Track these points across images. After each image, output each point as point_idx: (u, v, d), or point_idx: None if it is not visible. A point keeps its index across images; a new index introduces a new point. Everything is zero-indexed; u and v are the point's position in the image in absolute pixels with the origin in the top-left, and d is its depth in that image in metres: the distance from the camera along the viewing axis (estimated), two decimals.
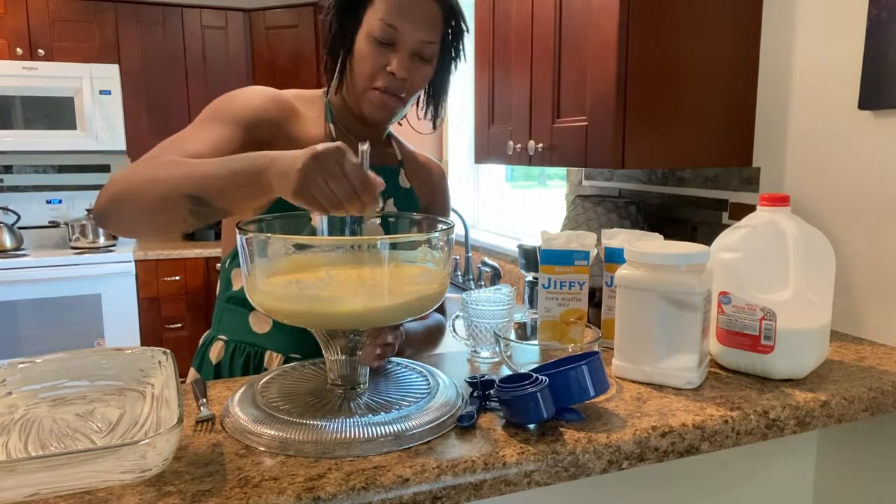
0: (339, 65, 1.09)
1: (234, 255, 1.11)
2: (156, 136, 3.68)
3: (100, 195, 0.88)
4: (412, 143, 1.30)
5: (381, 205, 0.79)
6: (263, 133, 1.03)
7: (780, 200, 1.00)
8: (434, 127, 1.21)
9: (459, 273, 2.71)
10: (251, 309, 1.09)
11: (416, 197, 1.22)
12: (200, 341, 1.18)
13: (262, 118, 1.03)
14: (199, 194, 0.82)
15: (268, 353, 1.10)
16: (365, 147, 0.78)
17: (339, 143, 0.75)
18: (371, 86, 1.05)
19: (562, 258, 1.06)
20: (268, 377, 0.94)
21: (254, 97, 1.05)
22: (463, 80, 2.97)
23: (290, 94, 1.13)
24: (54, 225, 3.63)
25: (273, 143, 1.04)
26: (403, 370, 0.97)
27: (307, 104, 1.13)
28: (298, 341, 1.09)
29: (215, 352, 1.12)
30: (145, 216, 0.85)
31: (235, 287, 1.12)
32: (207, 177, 0.81)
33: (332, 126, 1.12)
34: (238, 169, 0.80)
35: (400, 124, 1.22)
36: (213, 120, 1.00)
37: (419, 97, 1.15)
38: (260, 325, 1.10)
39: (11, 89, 3.21)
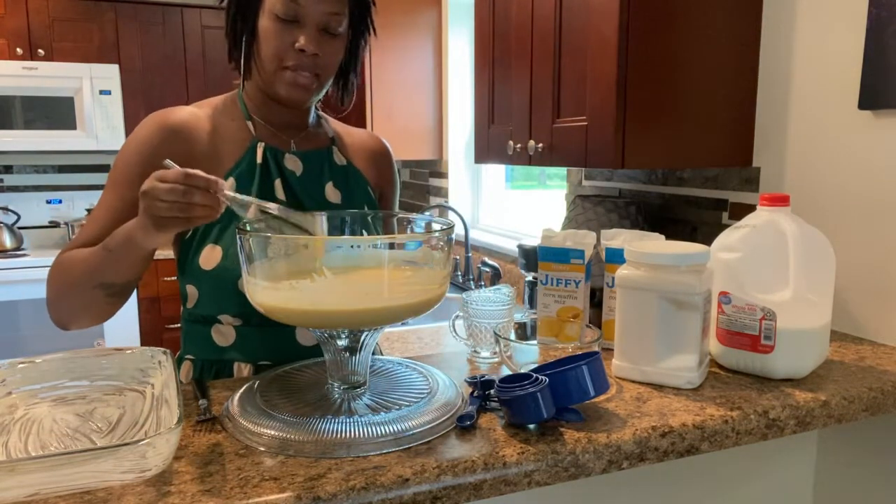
0: (243, 51, 1.05)
1: (183, 271, 1.07)
2: None
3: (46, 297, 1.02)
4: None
5: (244, 199, 0.86)
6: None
7: (780, 200, 1.00)
8: (342, 103, 1.16)
9: (459, 273, 2.71)
10: (212, 323, 1.06)
11: (359, 172, 1.17)
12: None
13: (157, 160, 0.98)
14: (105, 281, 0.95)
15: (236, 364, 1.06)
16: (166, 161, 0.84)
17: (155, 172, 0.83)
18: (280, 66, 1.01)
19: (558, 256, 1.06)
20: (268, 377, 0.94)
21: (143, 143, 1.02)
22: (463, 80, 2.98)
23: (200, 105, 1.09)
24: (54, 225, 3.64)
25: (191, 165, 0.98)
26: (403, 370, 0.97)
27: (222, 109, 1.09)
28: (266, 347, 1.06)
29: (184, 372, 1.09)
30: (82, 317, 1.01)
31: (190, 304, 1.07)
32: (100, 266, 0.94)
33: (250, 124, 1.08)
34: (114, 248, 0.92)
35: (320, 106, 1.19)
36: (113, 183, 1.03)
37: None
38: (223, 338, 1.06)
39: (11, 89, 3.21)
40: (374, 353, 1.18)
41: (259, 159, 1.06)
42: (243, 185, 1.04)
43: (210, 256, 1.02)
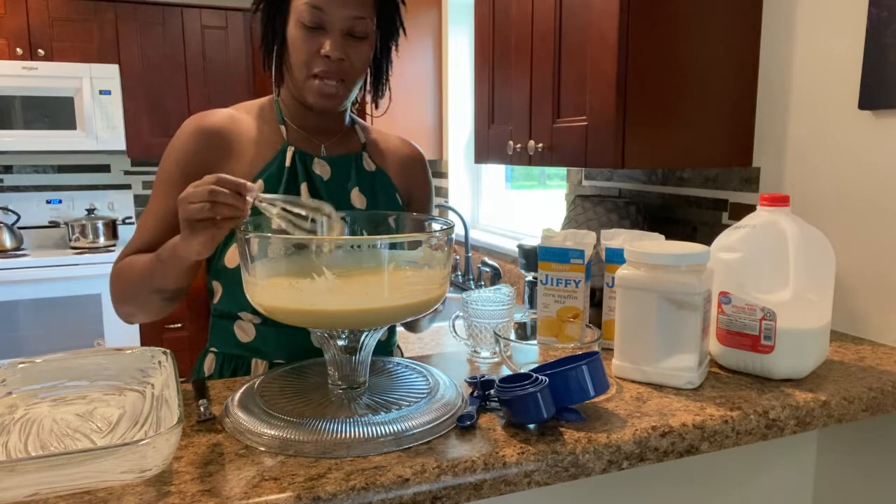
0: (275, 59, 1.08)
1: (210, 267, 1.10)
2: (155, 136, 3.71)
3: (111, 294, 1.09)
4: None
5: (273, 197, 0.86)
6: (206, 172, 1.03)
7: (780, 200, 1.00)
8: (376, 106, 1.18)
9: (459, 273, 2.71)
10: (235, 319, 1.08)
11: (389, 178, 1.18)
12: (200, 353, 1.19)
13: (195, 164, 1.05)
14: (158, 287, 0.99)
15: (253, 360, 1.09)
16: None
17: (192, 183, 0.84)
18: (309, 73, 1.03)
19: (558, 256, 1.06)
20: (268, 377, 0.94)
21: (181, 148, 1.06)
22: (463, 80, 2.98)
23: (238, 108, 1.11)
24: (54, 225, 3.63)
25: (224, 166, 1.05)
26: (403, 370, 0.97)
27: (257, 113, 1.12)
28: (282, 347, 1.08)
29: (208, 364, 1.12)
30: (142, 316, 1.06)
31: (215, 299, 1.10)
32: (153, 275, 0.97)
33: (283, 128, 1.10)
34: (165, 259, 0.94)
35: (354, 108, 1.20)
36: (158, 190, 1.07)
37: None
38: (244, 335, 1.09)
39: (11, 89, 3.21)
40: (392, 354, 1.19)
41: (288, 163, 1.07)
42: (271, 188, 1.06)
43: (234, 255, 1.04)
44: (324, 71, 1.02)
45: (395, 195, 1.18)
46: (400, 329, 1.33)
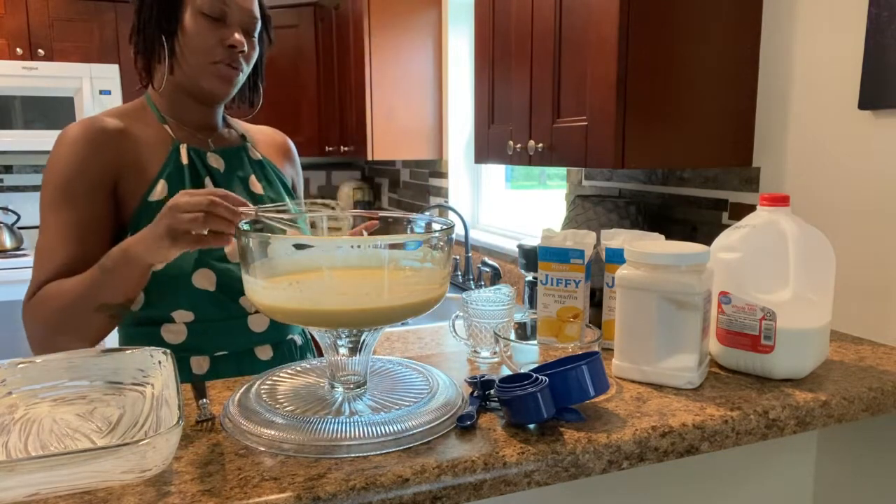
0: (165, 50, 1.08)
1: None
2: None
3: (30, 337, 1.04)
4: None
5: (272, 216, 0.88)
6: (106, 178, 1.04)
7: (780, 200, 1.00)
8: (252, 104, 1.23)
9: (459, 273, 2.71)
10: (162, 323, 1.07)
11: (274, 164, 1.24)
12: None
13: (93, 171, 1.03)
14: (105, 302, 0.96)
15: (192, 359, 1.09)
16: (206, 181, 0.87)
17: (183, 190, 0.85)
18: (210, 61, 1.06)
19: (558, 256, 1.06)
20: (268, 377, 0.94)
21: (74, 158, 1.03)
22: (463, 80, 2.98)
23: (110, 114, 1.10)
24: None
25: (121, 174, 1.05)
26: (403, 370, 0.97)
27: (133, 115, 1.11)
28: (219, 339, 1.09)
29: None
30: (81, 343, 1.00)
31: (136, 307, 1.08)
32: (98, 288, 0.95)
33: (167, 126, 1.11)
34: (112, 267, 0.92)
35: (230, 106, 1.23)
36: (57, 207, 1.01)
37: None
38: (174, 336, 1.08)
39: (11, 89, 3.21)
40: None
41: (185, 160, 1.09)
42: (174, 187, 1.06)
43: None
44: (224, 59, 1.06)
45: (283, 179, 1.24)
46: (400, 329, 1.34)
